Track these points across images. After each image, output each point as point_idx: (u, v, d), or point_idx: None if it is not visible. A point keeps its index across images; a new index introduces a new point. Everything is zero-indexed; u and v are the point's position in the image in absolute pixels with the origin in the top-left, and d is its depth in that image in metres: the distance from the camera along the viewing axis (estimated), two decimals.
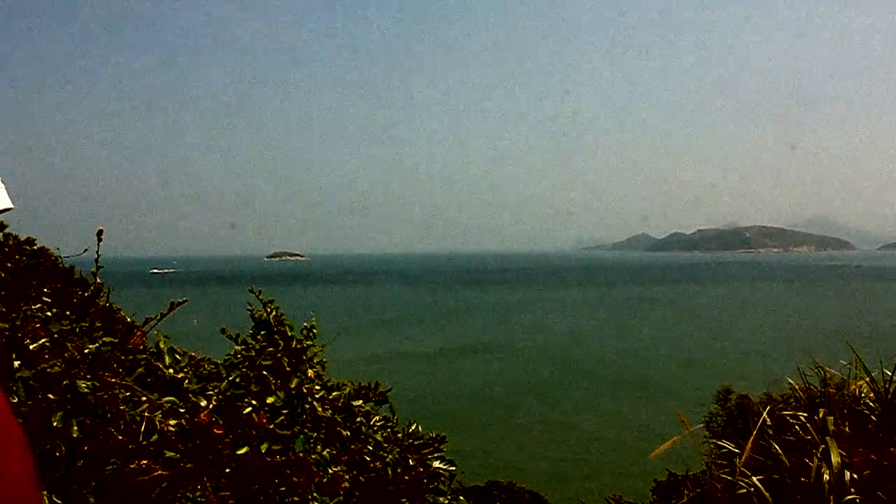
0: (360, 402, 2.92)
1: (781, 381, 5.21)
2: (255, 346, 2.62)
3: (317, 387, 2.68)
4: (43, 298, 2.62)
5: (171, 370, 2.36)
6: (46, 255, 3.16)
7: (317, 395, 2.65)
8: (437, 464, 3.12)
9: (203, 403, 2.27)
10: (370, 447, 2.81)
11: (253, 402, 2.37)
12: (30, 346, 2.10)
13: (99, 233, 2.80)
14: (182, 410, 2.23)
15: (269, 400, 2.46)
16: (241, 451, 2.24)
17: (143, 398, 2.18)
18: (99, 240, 2.81)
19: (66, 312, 2.56)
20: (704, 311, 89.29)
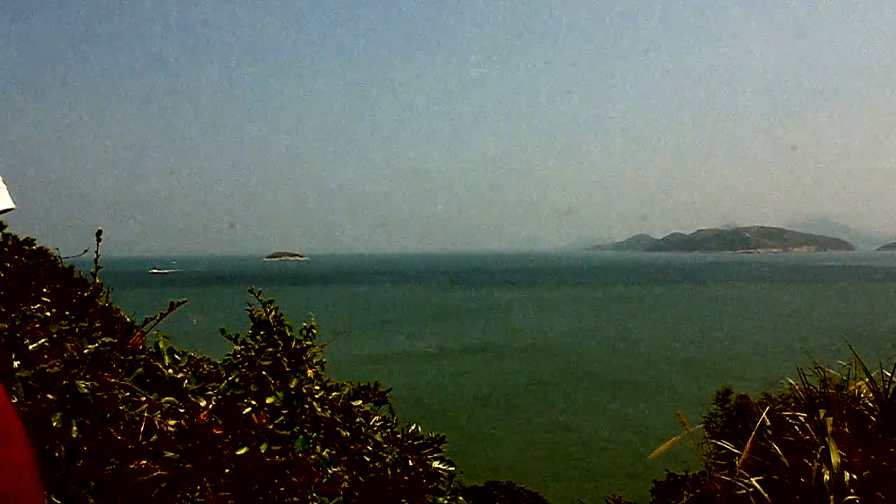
0: (360, 403, 2.92)
1: (781, 381, 5.21)
2: (255, 347, 2.62)
3: (316, 387, 2.68)
4: (42, 298, 2.62)
5: (170, 370, 2.36)
6: (46, 256, 3.17)
7: (316, 396, 2.65)
8: (436, 464, 3.12)
9: (202, 404, 2.27)
10: (370, 447, 2.81)
11: (252, 403, 2.37)
12: (29, 347, 2.10)
13: (98, 233, 2.80)
14: (181, 410, 2.23)
15: (269, 400, 2.46)
16: (241, 452, 2.24)
17: (143, 398, 2.18)
18: (98, 240, 2.81)
19: (66, 313, 2.56)
20: (704, 311, 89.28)
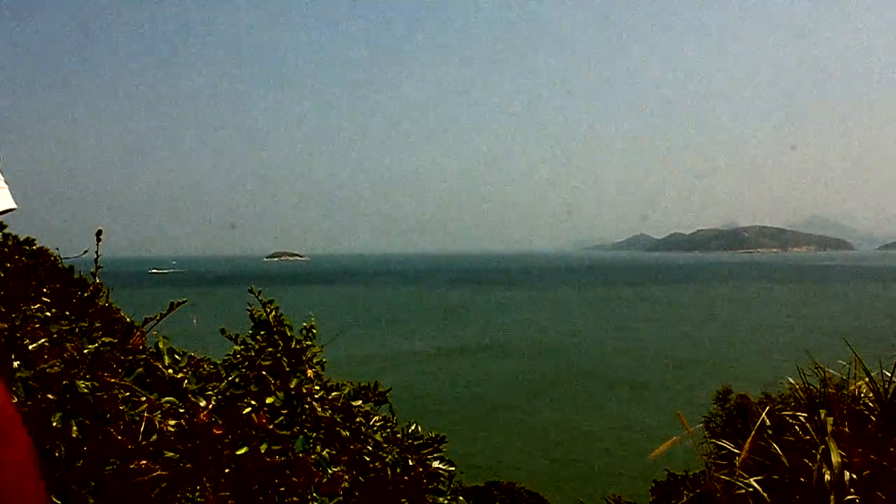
0: (360, 403, 2.92)
1: (781, 381, 5.21)
2: (255, 347, 2.62)
3: (316, 387, 2.68)
4: (42, 299, 2.62)
5: (170, 370, 2.36)
6: (46, 256, 3.17)
7: (316, 396, 2.64)
8: (436, 464, 3.12)
9: (202, 404, 2.27)
10: (370, 447, 2.81)
11: (252, 403, 2.37)
12: (29, 347, 2.10)
13: (98, 233, 2.80)
14: (181, 411, 2.23)
15: (269, 400, 2.46)
16: (241, 452, 2.24)
17: (143, 398, 2.18)
18: (98, 240, 2.81)
19: (66, 313, 2.56)
20: (704, 311, 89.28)
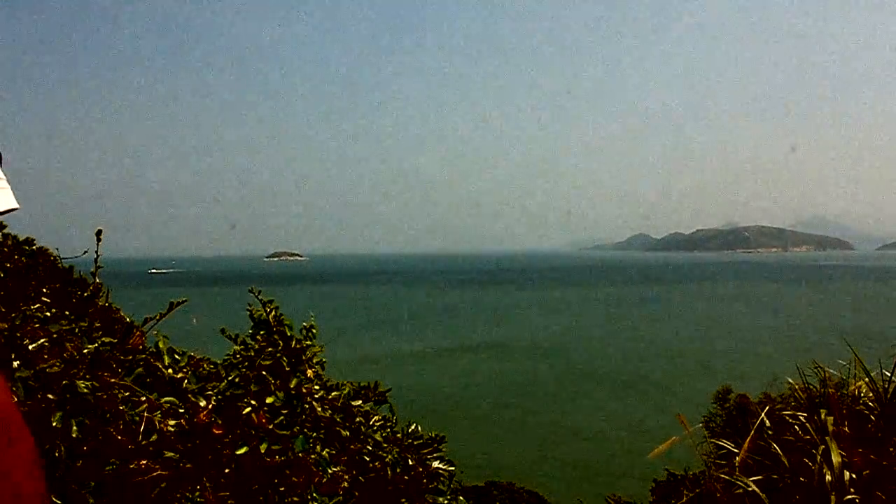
0: (360, 402, 2.92)
1: (781, 381, 5.21)
2: (255, 346, 2.62)
3: (316, 387, 2.68)
4: (42, 298, 2.61)
5: (170, 370, 2.35)
6: (45, 256, 3.16)
7: (316, 395, 2.64)
8: (436, 464, 3.11)
9: (202, 403, 2.27)
10: (369, 447, 2.81)
11: (252, 403, 2.37)
12: (29, 347, 2.10)
13: (98, 233, 2.80)
14: (181, 410, 2.23)
15: (269, 400, 2.46)
16: (241, 452, 2.24)
17: (143, 398, 2.18)
18: (98, 240, 2.81)
19: (66, 312, 2.56)
20: (704, 311, 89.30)
